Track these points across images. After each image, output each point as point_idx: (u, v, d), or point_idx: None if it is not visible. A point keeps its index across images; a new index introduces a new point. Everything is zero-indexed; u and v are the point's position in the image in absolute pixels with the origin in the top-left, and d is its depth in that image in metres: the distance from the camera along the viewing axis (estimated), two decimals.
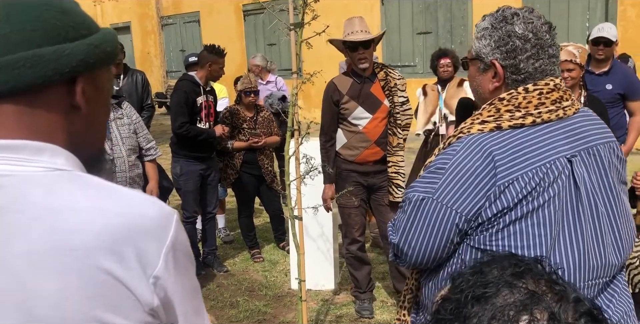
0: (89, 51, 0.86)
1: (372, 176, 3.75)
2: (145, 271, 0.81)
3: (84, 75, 0.86)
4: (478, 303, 0.71)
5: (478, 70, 1.55)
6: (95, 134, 0.94)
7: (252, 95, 4.80)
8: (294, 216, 2.91)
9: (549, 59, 1.46)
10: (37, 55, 0.82)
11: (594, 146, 1.46)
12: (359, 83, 3.65)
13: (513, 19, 1.47)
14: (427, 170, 1.51)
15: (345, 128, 3.70)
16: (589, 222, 1.42)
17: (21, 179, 0.81)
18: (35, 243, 0.78)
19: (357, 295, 3.98)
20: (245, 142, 4.78)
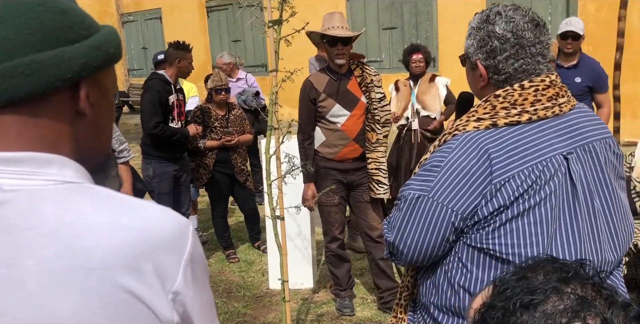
0: (91, 53, 0.80)
1: (352, 173, 3.73)
2: (165, 287, 0.77)
3: (87, 79, 0.81)
4: (527, 310, 0.69)
5: (469, 69, 1.55)
6: (102, 139, 0.88)
7: (223, 93, 4.72)
8: (276, 216, 2.87)
9: (531, 58, 1.44)
10: (37, 61, 0.75)
11: (589, 142, 1.46)
12: (335, 80, 3.62)
13: (495, 19, 1.46)
14: (422, 168, 1.49)
15: (324, 126, 3.66)
16: (585, 220, 1.41)
17: (28, 193, 0.75)
18: (49, 262, 0.72)
19: (337, 293, 3.96)
20: (218, 141, 4.70)
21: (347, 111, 3.62)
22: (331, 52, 3.53)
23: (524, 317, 0.69)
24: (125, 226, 0.76)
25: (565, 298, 0.69)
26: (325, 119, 3.63)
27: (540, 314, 0.68)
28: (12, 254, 0.72)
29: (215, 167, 4.76)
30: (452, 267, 1.46)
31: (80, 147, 0.82)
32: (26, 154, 0.76)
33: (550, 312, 0.68)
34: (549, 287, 0.71)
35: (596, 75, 4.28)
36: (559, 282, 0.71)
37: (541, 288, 0.71)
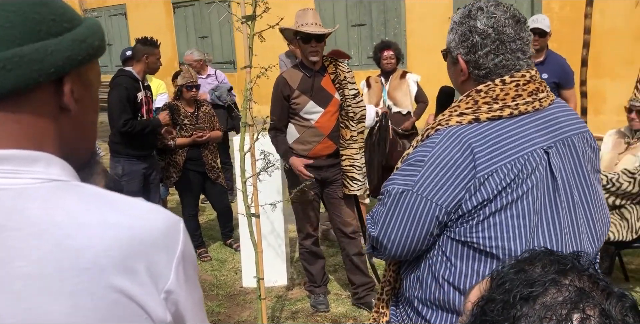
0: (75, 47, 0.77)
1: (325, 170, 3.72)
2: (157, 286, 0.75)
3: (72, 73, 0.77)
4: (526, 303, 0.70)
5: (450, 63, 1.56)
6: (87, 135, 0.85)
7: (193, 90, 4.66)
8: (251, 213, 2.85)
9: (511, 53, 1.45)
10: (18, 56, 0.72)
11: (568, 136, 1.48)
12: (309, 77, 3.60)
13: (477, 14, 1.47)
14: (405, 162, 1.49)
15: (297, 123, 3.64)
16: (566, 212, 1.44)
17: (15, 193, 0.72)
18: (38, 263, 0.69)
19: (312, 290, 3.96)
20: (189, 138, 4.64)
21: (321, 107, 3.60)
22: (305, 49, 3.52)
23: (524, 309, 0.69)
24: (116, 224, 0.74)
25: (564, 289, 0.70)
26: (298, 115, 3.61)
27: (540, 306, 0.69)
28: (0, 256, 0.69)
29: (186, 165, 4.70)
30: (436, 261, 1.47)
31: (65, 144, 0.79)
32: (11, 151, 0.73)
33: (550, 304, 0.69)
34: (547, 279, 0.71)
35: (562, 71, 4.36)
36: (556, 274, 0.72)
37: (540, 280, 0.71)
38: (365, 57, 10.07)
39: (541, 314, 0.68)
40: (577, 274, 0.73)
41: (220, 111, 5.75)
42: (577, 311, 0.68)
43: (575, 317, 0.67)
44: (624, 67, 7.65)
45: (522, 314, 0.69)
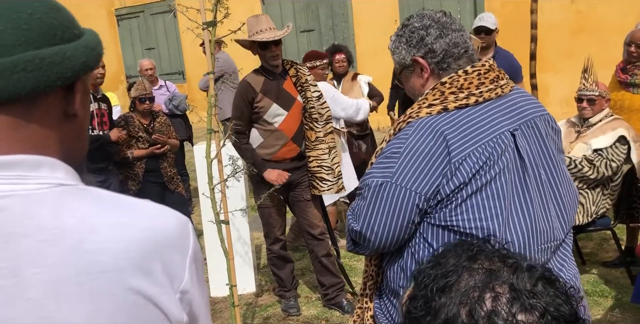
0: (88, 53, 0.78)
1: (291, 173, 3.72)
2: (173, 286, 0.76)
3: (82, 79, 0.78)
4: (443, 293, 0.74)
5: (408, 77, 1.65)
6: (82, 142, 0.85)
7: (147, 102, 4.60)
8: (221, 220, 2.83)
9: (456, 32, 1.57)
10: (38, 58, 0.72)
11: (531, 119, 1.57)
12: (271, 80, 3.62)
13: (409, 21, 1.61)
14: (381, 156, 1.54)
15: (261, 127, 3.65)
16: (535, 191, 1.52)
17: (23, 198, 0.71)
18: (54, 269, 0.69)
19: (282, 294, 3.96)
20: (146, 150, 4.57)
21: (285, 110, 3.62)
22: (264, 54, 3.55)
23: (442, 300, 0.73)
24: (130, 225, 0.74)
25: (475, 273, 0.75)
26: (262, 119, 3.62)
27: (455, 294, 0.73)
28: (12, 264, 0.69)
29: (145, 177, 4.63)
30: (418, 248, 1.52)
31: (64, 150, 0.79)
32: (17, 157, 0.73)
33: (464, 289, 0.73)
34: (459, 267, 0.76)
35: (510, 66, 4.47)
36: (467, 261, 0.77)
37: (453, 269, 0.76)
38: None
39: (457, 300, 0.72)
40: (486, 257, 0.78)
41: (177, 121, 5.70)
42: (488, 290, 0.72)
43: (487, 296, 0.72)
44: (565, 60, 7.97)
45: (442, 304, 0.73)
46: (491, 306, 0.71)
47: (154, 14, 12.14)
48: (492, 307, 0.71)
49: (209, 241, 4.06)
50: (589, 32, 8.00)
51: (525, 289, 0.72)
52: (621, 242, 4.08)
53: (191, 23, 2.52)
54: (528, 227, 1.49)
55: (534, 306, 0.71)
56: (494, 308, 0.71)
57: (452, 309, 0.72)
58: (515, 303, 0.71)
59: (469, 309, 0.72)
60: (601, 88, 3.70)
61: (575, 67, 4.50)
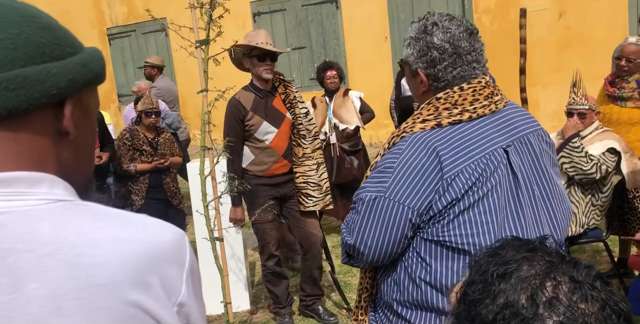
0: (77, 71, 0.78)
1: (283, 186, 3.77)
2: (170, 299, 0.76)
3: (73, 97, 0.79)
4: (503, 279, 0.76)
5: (409, 75, 1.64)
6: (84, 160, 0.86)
7: (153, 116, 4.59)
8: (215, 237, 2.84)
9: (467, 65, 1.54)
10: (21, 76, 0.72)
11: (524, 135, 1.58)
12: (262, 97, 3.65)
13: (432, 30, 1.53)
14: (375, 170, 1.55)
15: (252, 145, 3.67)
16: (528, 207, 1.53)
17: (22, 214, 0.72)
18: (54, 284, 0.69)
19: (277, 311, 3.94)
20: (149, 164, 4.56)
21: (275, 127, 3.65)
22: (259, 66, 3.57)
23: (501, 285, 0.75)
24: (128, 240, 0.75)
25: (535, 264, 0.77)
26: (253, 137, 3.64)
27: (515, 280, 0.75)
28: (12, 280, 0.69)
29: (149, 193, 4.62)
30: (411, 262, 1.52)
31: (63, 168, 0.80)
32: (13, 174, 0.74)
33: (524, 276, 0.75)
34: (519, 257, 0.78)
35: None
36: (527, 252, 0.79)
37: (513, 259, 0.78)
38: (308, 79, 10.21)
39: (517, 286, 0.74)
40: (546, 252, 0.80)
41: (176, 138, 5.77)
42: (549, 279, 0.74)
43: (548, 284, 0.73)
44: (554, 75, 8.06)
45: (501, 289, 0.75)
46: (553, 292, 0.73)
47: (146, 33, 12.19)
48: (554, 293, 0.72)
49: (203, 258, 4.04)
50: (577, 46, 8.12)
51: (587, 281, 0.74)
52: (613, 254, 4.10)
53: (184, 42, 2.55)
54: None
55: (595, 298, 0.72)
56: (555, 294, 0.72)
57: (512, 294, 0.73)
58: (576, 292, 0.72)
59: (529, 294, 0.73)
60: (591, 101, 3.75)
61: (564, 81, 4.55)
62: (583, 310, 0.70)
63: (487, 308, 0.74)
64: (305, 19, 10.36)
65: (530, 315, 0.71)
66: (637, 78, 3.95)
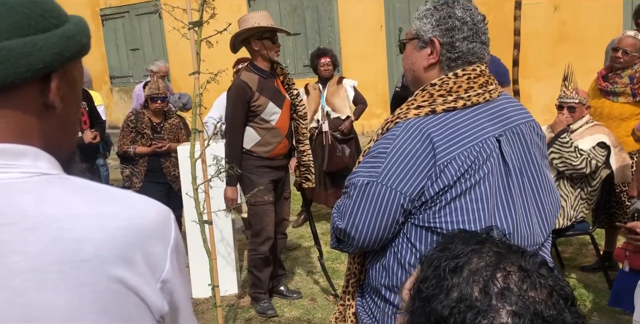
0: (63, 43, 0.76)
1: (281, 170, 3.85)
2: (154, 276, 0.76)
3: (59, 70, 0.77)
4: (455, 273, 0.77)
5: (415, 48, 1.62)
6: (69, 134, 0.85)
7: (159, 101, 4.56)
8: (204, 220, 2.83)
9: (481, 44, 1.56)
10: (6, 49, 0.71)
11: (517, 125, 1.59)
12: (265, 78, 3.68)
13: (454, 4, 1.57)
14: (368, 155, 1.55)
15: (258, 126, 3.69)
16: (518, 196, 1.54)
17: (4, 187, 0.71)
18: (36, 257, 0.69)
19: (257, 296, 3.96)
20: (148, 148, 4.54)
21: (279, 108, 3.70)
22: (271, 49, 3.61)
23: (454, 280, 0.76)
24: (113, 215, 0.74)
25: (484, 256, 0.79)
26: (260, 118, 3.67)
27: (467, 273, 0.77)
28: None
29: (147, 176, 4.61)
30: (401, 248, 1.53)
31: (48, 141, 0.79)
32: None
33: (475, 269, 0.77)
34: (468, 250, 0.80)
35: (494, 70, 4.50)
36: (475, 245, 0.81)
37: (462, 252, 0.80)
38: (302, 66, 10.17)
39: (469, 279, 0.76)
40: (493, 243, 0.82)
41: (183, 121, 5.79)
42: (499, 270, 0.76)
43: (498, 275, 0.76)
44: (547, 68, 8.08)
45: (454, 283, 0.76)
46: (504, 283, 0.75)
47: (140, 15, 12.07)
48: (505, 284, 0.75)
49: (192, 241, 4.05)
50: (571, 41, 8.13)
51: (533, 270, 0.76)
52: (599, 247, 4.15)
53: (177, 23, 2.53)
54: (510, 232, 1.50)
55: (543, 285, 0.75)
56: (507, 284, 0.74)
57: (465, 288, 0.75)
58: (525, 281, 0.75)
59: (482, 286, 0.75)
60: (581, 95, 3.76)
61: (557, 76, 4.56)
62: (533, 298, 0.73)
63: (442, 303, 0.75)
64: (300, 5, 10.29)
65: (485, 307, 0.73)
66: (630, 73, 3.96)
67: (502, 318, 0.72)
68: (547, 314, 0.72)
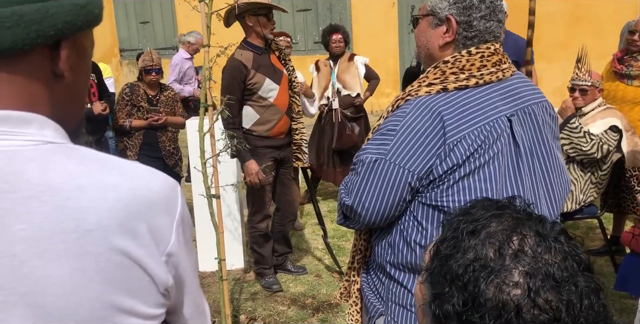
0: (75, 12, 0.75)
1: (283, 149, 3.79)
2: (159, 248, 0.76)
3: (69, 39, 0.76)
4: (473, 235, 0.80)
5: (429, 26, 1.58)
6: (77, 103, 0.84)
7: (152, 73, 4.50)
8: (212, 195, 2.84)
9: (497, 22, 1.54)
10: (17, 14, 0.70)
11: (529, 105, 1.56)
12: (260, 55, 3.62)
13: None
14: (377, 132, 1.54)
15: (256, 104, 3.63)
16: (527, 177, 1.52)
17: (9, 154, 0.70)
18: (39, 226, 0.68)
19: (262, 272, 3.99)
20: (145, 121, 4.49)
21: (276, 84, 3.63)
22: (266, 25, 3.54)
23: (471, 241, 0.80)
24: (117, 186, 0.73)
25: (504, 220, 0.82)
26: (257, 96, 3.61)
27: (484, 235, 0.80)
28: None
29: (142, 149, 4.58)
30: (407, 226, 1.53)
31: (56, 110, 0.78)
32: (3, 112, 0.72)
33: (493, 232, 0.80)
34: (488, 215, 0.83)
35: (519, 49, 4.27)
36: (496, 210, 0.84)
37: (482, 216, 0.83)
38: (312, 42, 10.09)
39: (486, 241, 0.79)
40: (513, 210, 0.85)
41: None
42: (516, 234, 0.79)
43: (514, 238, 0.78)
44: (560, 51, 7.98)
45: (470, 244, 0.79)
46: (519, 245, 0.77)
47: None
48: (519, 246, 0.77)
49: (199, 215, 4.06)
50: (585, 23, 8.00)
51: (551, 236, 0.79)
52: (607, 231, 4.14)
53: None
54: None
55: (558, 250, 0.77)
56: (521, 247, 0.77)
57: (480, 248, 0.78)
58: (540, 245, 0.77)
59: (497, 247, 0.77)
60: (594, 78, 3.71)
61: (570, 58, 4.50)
62: (546, 260, 0.75)
63: (458, 262, 0.78)
64: None
65: (498, 267, 0.75)
66: None
67: (514, 277, 0.74)
68: (559, 276, 0.74)
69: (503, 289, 0.74)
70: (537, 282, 0.73)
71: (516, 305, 0.73)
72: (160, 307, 0.78)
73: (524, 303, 0.73)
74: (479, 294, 0.74)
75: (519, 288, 0.74)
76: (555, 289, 0.73)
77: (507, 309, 0.73)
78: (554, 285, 0.73)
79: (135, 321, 0.75)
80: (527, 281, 0.74)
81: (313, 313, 3.62)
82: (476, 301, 0.74)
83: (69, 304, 0.70)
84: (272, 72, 3.61)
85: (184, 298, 0.85)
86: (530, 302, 0.73)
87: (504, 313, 0.73)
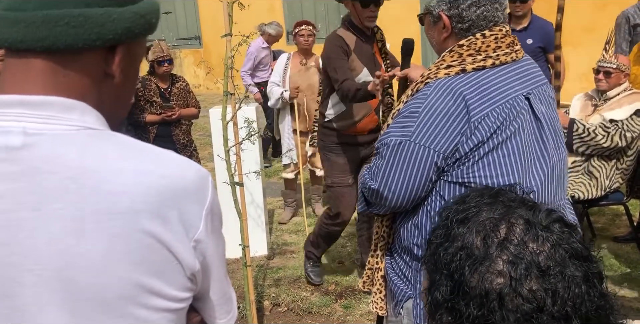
0: (135, 20, 0.81)
1: (366, 147, 3.44)
2: (188, 235, 0.79)
3: (125, 44, 0.82)
4: (462, 224, 0.81)
5: (430, 24, 1.64)
6: (122, 103, 0.89)
7: (166, 64, 4.50)
8: (235, 182, 2.88)
9: (491, 5, 1.56)
10: (84, 16, 0.76)
11: (541, 85, 1.62)
12: (363, 41, 3.24)
13: None
14: (399, 116, 1.57)
15: None
16: (552, 149, 1.57)
17: (51, 137, 0.75)
18: (75, 206, 0.73)
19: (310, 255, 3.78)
20: (158, 116, 4.46)
21: (372, 77, 3.10)
22: (362, 13, 3.15)
23: (460, 229, 0.80)
24: (151, 172, 0.77)
25: (494, 208, 0.81)
26: None
27: (472, 224, 0.80)
28: (36, 198, 0.73)
29: (155, 142, 4.56)
30: (435, 206, 1.55)
31: (101, 108, 0.83)
32: (50, 98, 0.77)
33: (481, 220, 0.80)
34: (481, 203, 0.83)
35: (546, 35, 4.23)
36: (489, 198, 0.84)
37: (475, 205, 0.83)
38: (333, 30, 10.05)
39: (473, 229, 0.79)
40: (507, 198, 0.84)
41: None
42: (504, 222, 0.79)
43: (502, 227, 0.78)
44: (586, 35, 7.84)
45: (459, 233, 0.80)
46: (504, 234, 0.77)
47: None
48: (505, 235, 0.77)
49: (222, 202, 4.07)
50: (612, 6, 7.83)
51: (540, 224, 0.78)
52: (633, 218, 4.09)
53: None
54: (544, 183, 1.54)
55: (546, 238, 0.76)
56: (507, 236, 0.77)
57: (468, 237, 0.78)
58: (527, 233, 0.77)
59: (483, 236, 0.77)
60: (621, 61, 3.65)
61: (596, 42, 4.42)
62: (533, 249, 0.75)
63: (446, 250, 0.79)
64: None
65: (482, 255, 0.76)
66: None
67: (498, 265, 0.74)
68: (545, 264, 0.74)
69: (486, 278, 0.74)
70: (521, 271, 0.73)
71: (499, 294, 0.73)
72: (187, 291, 0.82)
73: (507, 291, 0.73)
74: (464, 282, 0.75)
75: (502, 276, 0.74)
76: (539, 278, 0.73)
77: (490, 298, 0.73)
78: (538, 274, 0.73)
79: (161, 301, 0.78)
80: (509, 268, 0.74)
81: (336, 299, 3.66)
82: (461, 289, 0.75)
83: (98, 281, 0.74)
84: (371, 64, 3.24)
85: (210, 284, 0.88)
86: (512, 291, 0.73)
87: (487, 302, 0.73)
